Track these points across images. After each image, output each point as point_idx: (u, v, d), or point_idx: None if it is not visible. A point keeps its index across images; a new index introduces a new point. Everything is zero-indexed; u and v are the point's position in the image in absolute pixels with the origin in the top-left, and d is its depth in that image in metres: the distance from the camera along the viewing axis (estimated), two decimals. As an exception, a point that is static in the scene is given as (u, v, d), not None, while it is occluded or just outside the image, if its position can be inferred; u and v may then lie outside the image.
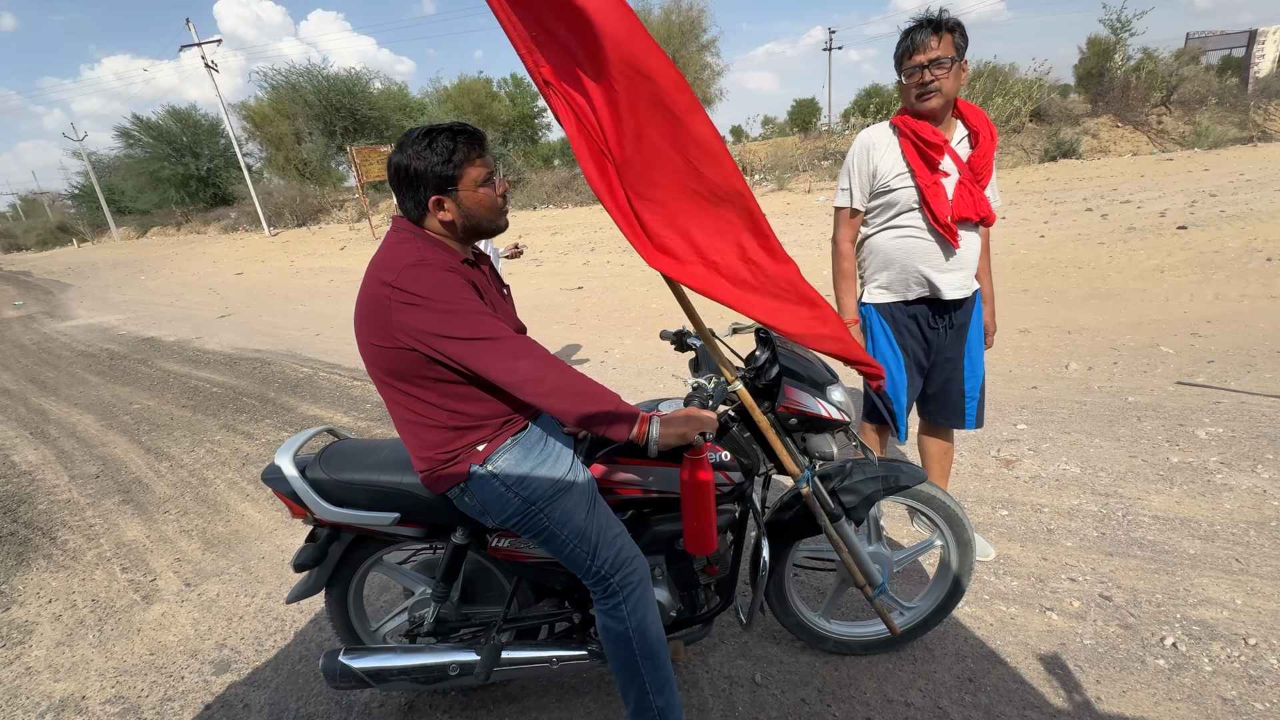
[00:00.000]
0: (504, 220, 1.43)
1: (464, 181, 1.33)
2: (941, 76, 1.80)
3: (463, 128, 1.34)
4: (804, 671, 1.90)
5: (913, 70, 1.83)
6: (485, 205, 1.37)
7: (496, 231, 1.44)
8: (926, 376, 2.18)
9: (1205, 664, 1.80)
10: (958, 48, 1.81)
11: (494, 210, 1.39)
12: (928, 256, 1.98)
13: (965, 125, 1.96)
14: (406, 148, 1.30)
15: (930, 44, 1.79)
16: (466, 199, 1.34)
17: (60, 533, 3.21)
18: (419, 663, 1.60)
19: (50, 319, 11.11)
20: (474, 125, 1.38)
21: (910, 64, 1.84)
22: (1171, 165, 12.30)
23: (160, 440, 4.42)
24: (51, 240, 37.90)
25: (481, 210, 1.37)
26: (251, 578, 2.67)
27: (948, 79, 1.81)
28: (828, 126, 23.43)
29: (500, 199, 1.40)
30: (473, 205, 1.35)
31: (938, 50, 1.79)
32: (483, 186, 1.35)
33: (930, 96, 1.83)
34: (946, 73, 1.80)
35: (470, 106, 25.10)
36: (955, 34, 1.80)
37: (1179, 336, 4.65)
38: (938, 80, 1.80)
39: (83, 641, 2.35)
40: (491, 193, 1.37)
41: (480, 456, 1.40)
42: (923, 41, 1.80)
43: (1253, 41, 18.33)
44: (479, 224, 1.39)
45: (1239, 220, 7.24)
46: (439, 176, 1.31)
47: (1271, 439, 2.99)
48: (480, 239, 1.46)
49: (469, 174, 1.33)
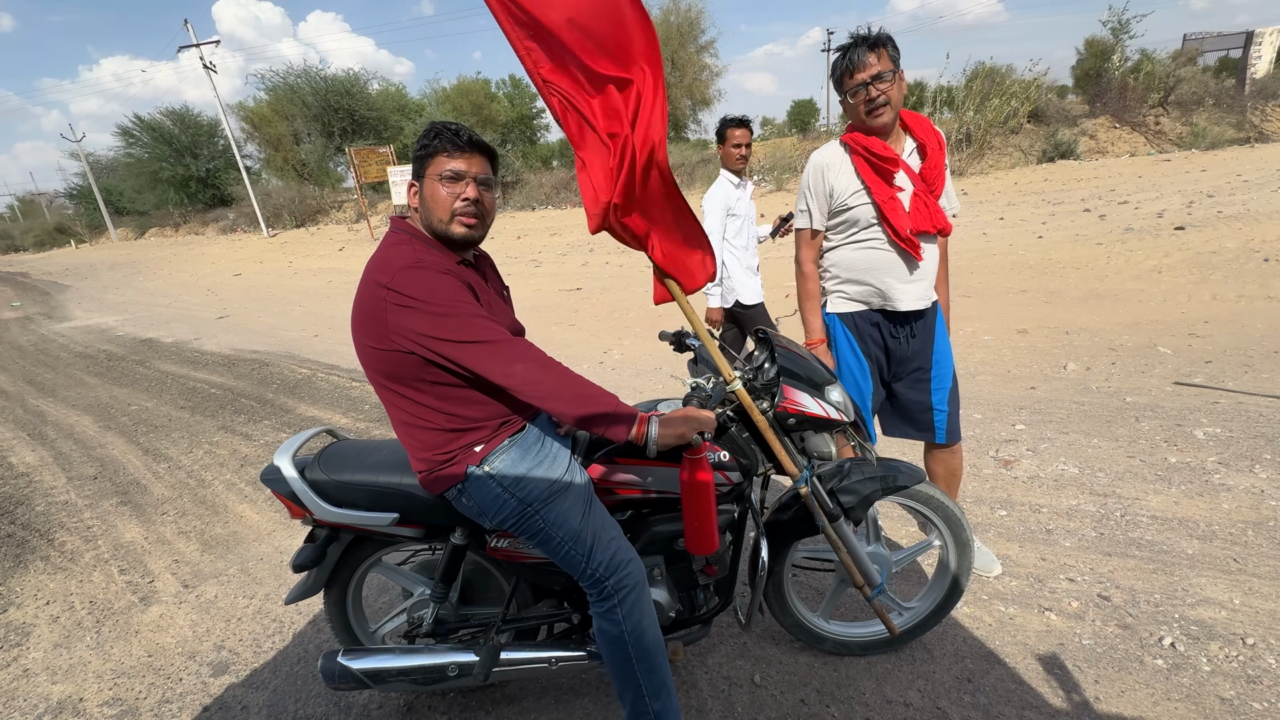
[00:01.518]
0: (459, 229, 1.34)
1: (429, 169, 1.35)
2: (886, 90, 1.84)
3: (459, 128, 1.35)
4: (803, 672, 1.90)
5: (857, 89, 1.87)
6: (437, 201, 1.33)
7: (449, 239, 1.36)
8: (893, 388, 2.17)
9: (1204, 664, 1.81)
10: (894, 60, 1.85)
11: (443, 209, 1.33)
12: (890, 269, 2.00)
13: (913, 138, 1.98)
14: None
15: (869, 61, 1.83)
16: (426, 188, 1.36)
17: (58, 534, 3.20)
18: (418, 664, 1.60)
19: (48, 320, 11.09)
20: (471, 129, 1.38)
21: (853, 83, 1.87)
22: (1169, 166, 12.34)
23: (158, 441, 4.42)
24: (49, 241, 37.82)
25: (433, 204, 1.34)
26: (250, 579, 2.67)
27: (892, 91, 1.85)
28: (826, 127, 23.46)
29: (462, 203, 1.33)
30: (427, 196, 1.35)
31: (877, 66, 1.83)
32: (443, 182, 1.33)
33: (880, 111, 1.88)
34: (890, 86, 1.84)
35: (469, 107, 25.10)
36: (888, 48, 1.84)
37: (1176, 337, 4.66)
38: (884, 94, 1.85)
39: (80, 643, 2.35)
40: (447, 191, 1.33)
41: (477, 457, 1.40)
42: (861, 60, 1.84)
43: (1249, 43, 18.35)
44: (430, 219, 1.35)
45: (1236, 221, 7.26)
46: (416, 159, 1.37)
47: (1269, 439, 2.99)
48: (443, 241, 1.37)
49: (434, 162, 1.34)
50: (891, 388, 2.18)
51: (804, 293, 2.17)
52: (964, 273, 7.07)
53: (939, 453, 2.24)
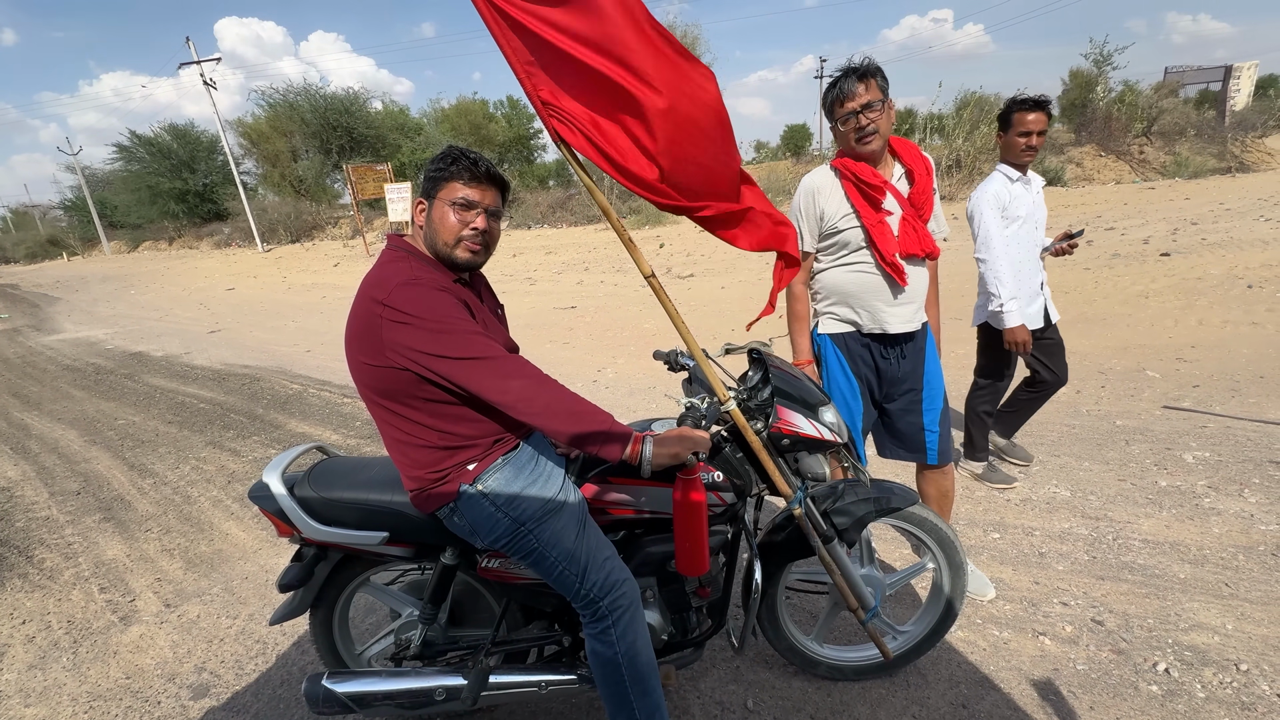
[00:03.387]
0: (463, 254, 1.38)
1: (441, 193, 1.37)
2: (875, 119, 1.90)
3: (478, 158, 1.38)
4: (796, 697, 1.88)
5: (847, 117, 1.93)
6: (444, 224, 1.37)
7: (452, 262, 1.39)
8: (885, 409, 2.19)
9: (1198, 690, 1.80)
10: (882, 90, 1.90)
11: (450, 233, 1.36)
12: (879, 291, 2.04)
13: (901, 163, 2.04)
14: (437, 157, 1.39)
15: (858, 91, 1.89)
16: (435, 210, 1.38)
17: (37, 551, 3.14)
18: (404, 687, 1.57)
19: (36, 332, 10.98)
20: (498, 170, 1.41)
21: (843, 111, 1.93)
22: (1154, 194, 12.59)
23: (144, 457, 4.35)
24: (41, 253, 37.63)
25: (440, 227, 1.37)
26: (234, 599, 2.61)
27: (881, 119, 1.90)
28: (819, 152, 23.82)
29: (470, 231, 1.37)
30: (436, 218, 1.38)
31: (866, 95, 1.88)
32: (453, 208, 1.36)
33: (870, 139, 1.93)
34: (879, 114, 1.89)
35: (467, 127, 25.36)
36: (877, 78, 1.90)
37: (1164, 361, 4.71)
38: (873, 122, 1.90)
39: (56, 665, 2.28)
40: (455, 217, 1.36)
41: (470, 476, 1.39)
42: (850, 90, 1.90)
43: (1228, 77, 18.96)
44: (435, 241, 1.38)
45: (1220, 248, 7.40)
46: (428, 180, 1.39)
47: (1257, 464, 3.02)
48: (444, 262, 1.40)
49: (448, 187, 1.36)
50: (884, 409, 2.19)
51: (793, 314, 2.20)
52: (954, 296, 7.12)
53: (931, 474, 2.24)
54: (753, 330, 6.05)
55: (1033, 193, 2.76)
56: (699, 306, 8.10)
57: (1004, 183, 2.71)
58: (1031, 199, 2.75)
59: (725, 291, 8.99)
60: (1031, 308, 2.81)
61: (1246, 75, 18.92)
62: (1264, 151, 16.29)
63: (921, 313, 2.11)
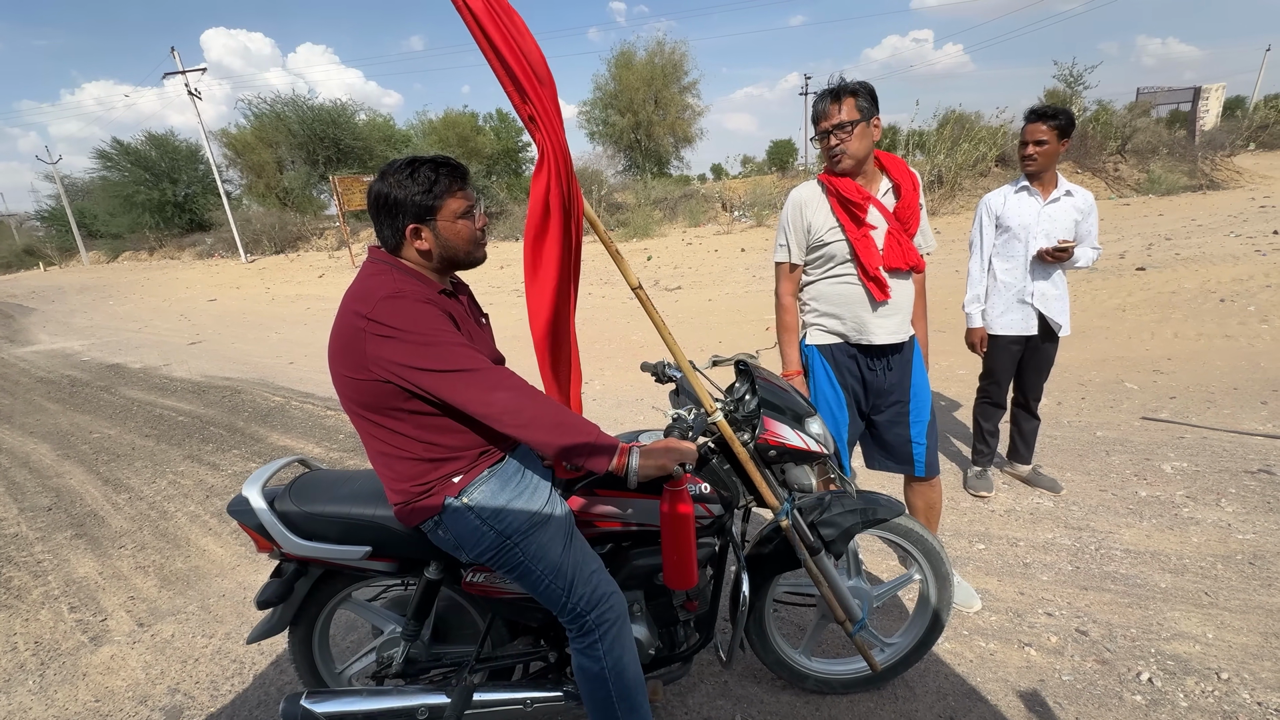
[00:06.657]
0: (481, 253, 1.44)
1: (443, 212, 1.34)
2: (845, 140, 1.93)
3: (445, 160, 1.36)
4: (785, 712, 1.86)
5: (821, 136, 1.97)
6: (463, 237, 1.38)
7: (474, 263, 1.44)
8: (873, 421, 2.20)
9: (1181, 699, 1.81)
10: (862, 110, 1.92)
11: (472, 243, 1.40)
12: (864, 303, 2.07)
13: (889, 178, 2.07)
14: (388, 176, 1.32)
15: (831, 111, 1.92)
16: (445, 230, 1.35)
17: (4, 569, 3.03)
18: (386, 706, 1.53)
19: (9, 344, 10.72)
20: (457, 159, 1.40)
21: (818, 131, 1.98)
22: (1129, 210, 12.92)
23: (119, 471, 4.25)
24: (16, 263, 36.83)
25: (459, 242, 1.38)
26: (210, 617, 2.55)
27: (851, 142, 1.93)
28: (804, 166, 24.17)
29: (479, 232, 1.41)
30: (451, 236, 1.36)
31: (840, 116, 1.92)
32: (462, 219, 1.36)
33: (838, 159, 1.97)
34: (849, 136, 1.92)
35: (455, 139, 25.39)
36: (858, 97, 1.92)
37: (1142, 373, 4.81)
38: (841, 144, 1.94)
39: (21, 688, 2.20)
40: (470, 225, 1.38)
41: (455, 489, 1.37)
42: (824, 109, 1.94)
43: (1197, 98, 19.64)
44: (455, 255, 1.40)
45: (1193, 263, 7.60)
46: (418, 206, 1.31)
47: (1233, 474, 3.08)
48: (458, 270, 1.46)
49: (449, 205, 1.34)
50: (872, 420, 2.21)
51: (781, 325, 2.22)
52: (938, 308, 7.21)
53: (918, 486, 2.25)
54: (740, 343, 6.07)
55: (1034, 205, 2.78)
56: (686, 319, 8.13)
57: (1005, 192, 2.83)
58: (1036, 211, 2.77)
59: (712, 304, 9.04)
60: (1011, 315, 2.89)
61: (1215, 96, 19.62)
62: (1233, 169, 16.80)
63: (908, 325, 2.13)
